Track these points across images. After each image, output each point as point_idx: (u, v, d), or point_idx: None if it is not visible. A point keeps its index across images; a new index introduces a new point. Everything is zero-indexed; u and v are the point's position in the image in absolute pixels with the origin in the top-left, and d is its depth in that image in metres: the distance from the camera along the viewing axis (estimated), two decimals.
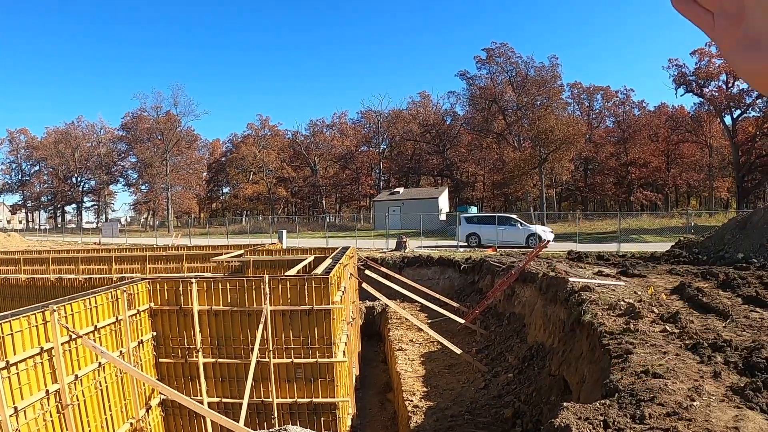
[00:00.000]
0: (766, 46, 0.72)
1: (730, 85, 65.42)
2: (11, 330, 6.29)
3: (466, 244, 35.09)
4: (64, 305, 7.36)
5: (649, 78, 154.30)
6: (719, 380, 6.30)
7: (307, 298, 9.91)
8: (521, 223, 35.39)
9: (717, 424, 5.02)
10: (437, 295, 20.75)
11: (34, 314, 6.76)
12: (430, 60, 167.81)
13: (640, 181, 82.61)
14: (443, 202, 68.33)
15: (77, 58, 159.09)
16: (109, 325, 8.47)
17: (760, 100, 62.98)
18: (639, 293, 11.86)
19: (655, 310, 9.92)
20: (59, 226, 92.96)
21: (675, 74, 67.24)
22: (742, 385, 5.98)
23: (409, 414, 11.35)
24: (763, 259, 17.39)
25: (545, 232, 33.76)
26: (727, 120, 67.40)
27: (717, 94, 65.79)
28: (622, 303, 10.20)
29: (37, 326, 6.77)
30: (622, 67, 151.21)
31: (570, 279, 13.15)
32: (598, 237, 41.41)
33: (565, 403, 5.91)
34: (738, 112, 66.33)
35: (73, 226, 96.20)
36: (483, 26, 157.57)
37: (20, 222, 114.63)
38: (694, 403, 5.46)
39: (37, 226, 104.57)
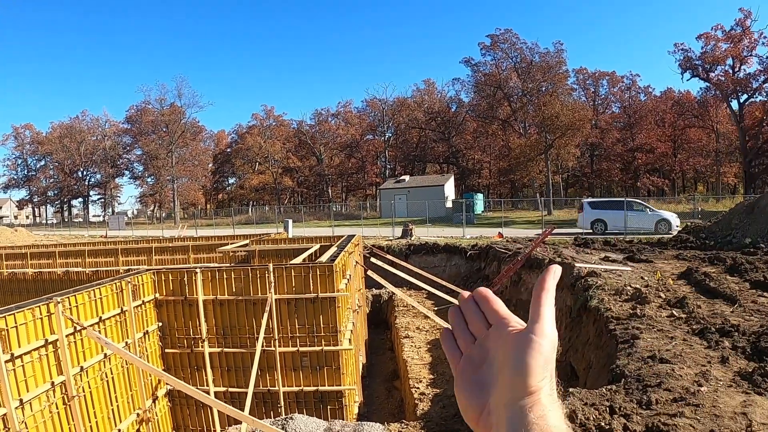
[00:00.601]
0: (483, 395, 0.92)
1: (736, 69, 64.84)
2: (15, 323, 6.28)
3: (591, 231, 33.15)
4: (68, 297, 7.35)
5: (655, 63, 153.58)
6: (727, 365, 6.25)
7: (311, 286, 9.90)
8: (650, 209, 33.85)
9: (725, 409, 4.98)
10: (444, 282, 20.69)
11: (39, 306, 6.75)
12: (434, 47, 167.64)
13: (646, 166, 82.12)
14: (449, 189, 68.25)
15: (80, 53, 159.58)
16: (114, 316, 8.46)
17: (767, 85, 62.51)
18: (646, 278, 11.80)
19: (662, 295, 9.87)
20: (66, 220, 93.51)
21: (681, 59, 66.59)
22: (750, 370, 5.93)
23: (416, 401, 11.34)
24: None
25: (672, 216, 32.53)
26: (734, 105, 66.82)
27: (723, 78, 65.14)
28: (629, 288, 10.16)
29: (41, 318, 6.76)
30: (628, 52, 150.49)
31: (576, 264, 13.10)
32: None
33: (571, 389, 5.88)
34: (745, 96, 65.79)
35: (80, 219, 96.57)
36: (487, 13, 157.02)
37: (27, 217, 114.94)
38: (702, 389, 5.41)
39: (43, 221, 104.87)
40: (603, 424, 4.96)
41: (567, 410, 5.29)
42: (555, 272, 0.95)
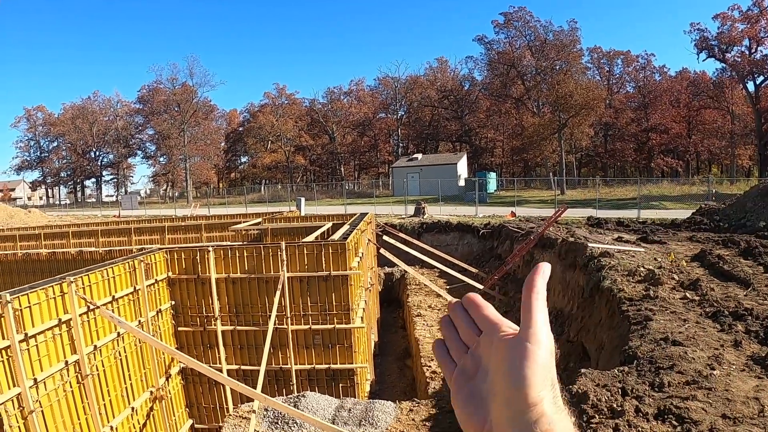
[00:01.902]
0: (483, 409, 0.87)
1: (753, 50, 63.88)
2: (29, 302, 6.32)
3: None
4: (81, 276, 7.39)
5: (671, 43, 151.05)
6: (740, 349, 6.20)
7: (324, 264, 9.93)
8: None
9: (737, 393, 4.95)
10: (456, 261, 20.72)
11: (52, 286, 6.79)
12: (447, 25, 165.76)
13: (660, 147, 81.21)
14: (462, 167, 68.04)
15: (90, 34, 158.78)
16: (127, 295, 8.52)
17: None
18: (659, 260, 11.73)
19: (675, 277, 9.81)
20: (79, 200, 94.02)
21: (697, 39, 65.72)
22: (764, 354, 5.89)
23: (428, 380, 11.39)
24: None
25: None
26: (750, 86, 65.81)
27: (740, 59, 64.19)
28: (642, 269, 10.09)
29: (55, 298, 6.80)
30: (643, 31, 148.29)
31: (589, 245, 13.03)
32: (618, 203, 41.02)
33: (583, 370, 5.87)
34: (761, 78, 64.77)
35: (93, 200, 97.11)
36: None
37: (40, 198, 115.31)
38: (714, 372, 5.38)
39: (57, 202, 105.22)
40: (615, 405, 4.95)
41: (579, 391, 5.29)
42: (544, 271, 0.90)
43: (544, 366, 0.81)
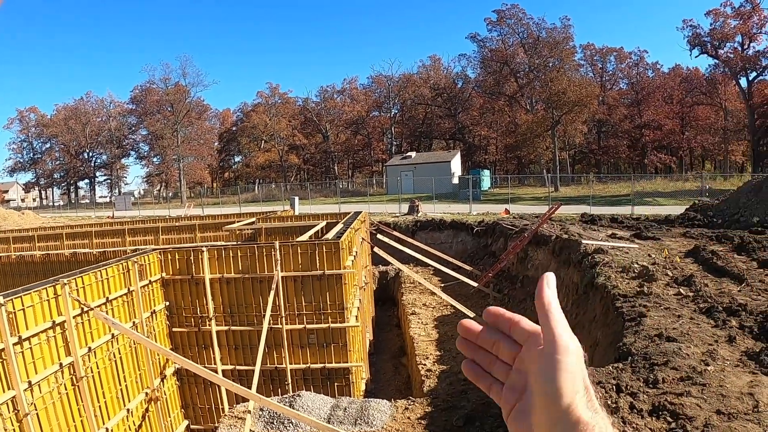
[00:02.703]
0: (526, 422, 0.88)
1: (745, 46, 64.19)
2: (23, 305, 6.29)
3: None
4: (75, 278, 7.36)
5: (663, 39, 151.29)
6: (734, 345, 6.22)
7: (318, 264, 9.91)
8: None
9: (731, 389, 4.96)
10: (450, 259, 20.72)
11: (46, 288, 6.76)
12: (440, 23, 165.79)
13: (654, 143, 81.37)
14: (455, 165, 68.17)
15: (83, 34, 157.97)
16: (121, 296, 8.48)
17: None
18: (653, 256, 11.75)
19: (669, 273, 9.83)
20: (72, 201, 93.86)
21: (689, 35, 66.02)
22: (758, 350, 5.91)
23: (423, 378, 11.40)
24: None
25: None
26: (743, 82, 66.32)
27: (732, 55, 64.54)
28: (636, 266, 10.11)
29: (48, 300, 6.77)
30: (636, 28, 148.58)
31: (583, 241, 13.06)
32: (612, 200, 41.14)
33: None
34: (754, 74, 65.22)
35: (87, 201, 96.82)
36: None
37: (34, 200, 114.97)
38: (709, 368, 5.40)
39: (50, 203, 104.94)
40: (609, 402, 4.96)
41: None
42: (549, 282, 0.92)
43: (573, 373, 0.83)
